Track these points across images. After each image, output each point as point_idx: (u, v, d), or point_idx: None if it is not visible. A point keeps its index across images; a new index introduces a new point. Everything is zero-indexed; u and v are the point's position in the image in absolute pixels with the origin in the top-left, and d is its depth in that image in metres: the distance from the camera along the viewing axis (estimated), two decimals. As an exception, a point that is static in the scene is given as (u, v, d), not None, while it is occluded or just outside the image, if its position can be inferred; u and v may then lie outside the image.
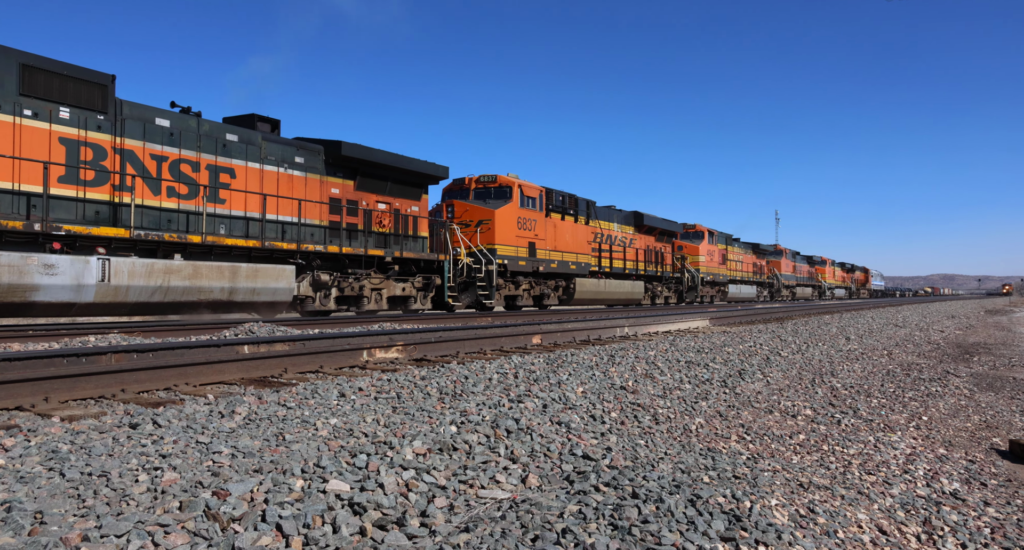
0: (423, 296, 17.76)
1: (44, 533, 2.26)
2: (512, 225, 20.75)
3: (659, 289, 31.60)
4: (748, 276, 43.82)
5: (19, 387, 4.60)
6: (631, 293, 27.69)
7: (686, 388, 6.48)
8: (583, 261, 24.62)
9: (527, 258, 21.26)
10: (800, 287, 55.14)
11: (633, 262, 28.46)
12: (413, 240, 17.58)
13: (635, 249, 28.87)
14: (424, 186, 18.18)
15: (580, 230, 24.80)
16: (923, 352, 13.18)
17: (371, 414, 4.19)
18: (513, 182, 21.09)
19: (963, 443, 6.12)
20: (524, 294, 21.83)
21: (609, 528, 2.59)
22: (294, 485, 2.74)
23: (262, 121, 14.70)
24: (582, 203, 25.38)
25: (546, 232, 22.62)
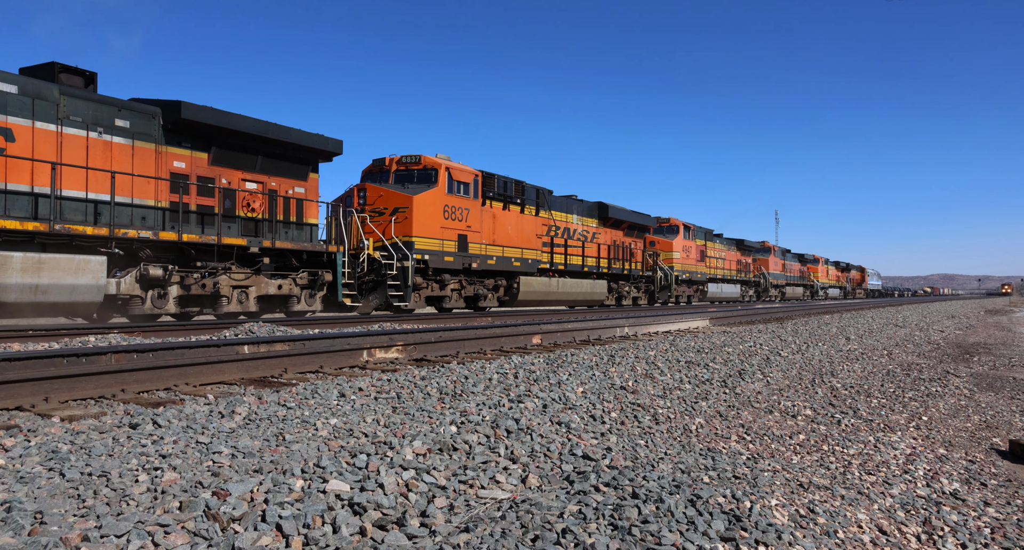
0: (309, 295, 14.70)
1: (44, 533, 2.26)
2: (436, 214, 17.46)
3: (626, 289, 28.36)
4: (731, 274, 40.72)
5: (19, 387, 4.60)
6: (591, 293, 24.45)
7: (686, 388, 6.48)
8: (530, 257, 21.18)
9: (456, 253, 17.97)
10: (790, 287, 52.26)
11: (595, 259, 25.11)
12: (297, 228, 14.57)
13: (598, 244, 25.45)
14: (312, 163, 15.02)
15: (527, 222, 21.30)
16: (923, 352, 13.18)
17: (371, 414, 4.19)
18: (439, 164, 17.77)
19: (963, 443, 6.12)
20: (453, 295, 18.66)
21: (609, 528, 2.59)
22: (294, 485, 2.74)
23: (68, 72, 11.49)
24: (531, 191, 21.87)
25: (482, 223, 19.13)
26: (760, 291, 45.83)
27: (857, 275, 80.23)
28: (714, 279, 37.61)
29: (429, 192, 17.44)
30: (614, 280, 27.29)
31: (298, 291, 14.50)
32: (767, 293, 46.55)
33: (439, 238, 17.60)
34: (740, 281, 42.21)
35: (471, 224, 18.74)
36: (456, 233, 18.13)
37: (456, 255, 18.12)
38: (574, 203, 24.86)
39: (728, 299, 39.90)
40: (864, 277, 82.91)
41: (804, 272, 57.17)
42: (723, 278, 39.00)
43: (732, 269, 40.96)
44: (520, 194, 21.19)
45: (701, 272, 35.50)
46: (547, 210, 22.82)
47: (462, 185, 18.52)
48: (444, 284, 17.99)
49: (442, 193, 17.79)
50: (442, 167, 17.79)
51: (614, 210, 26.89)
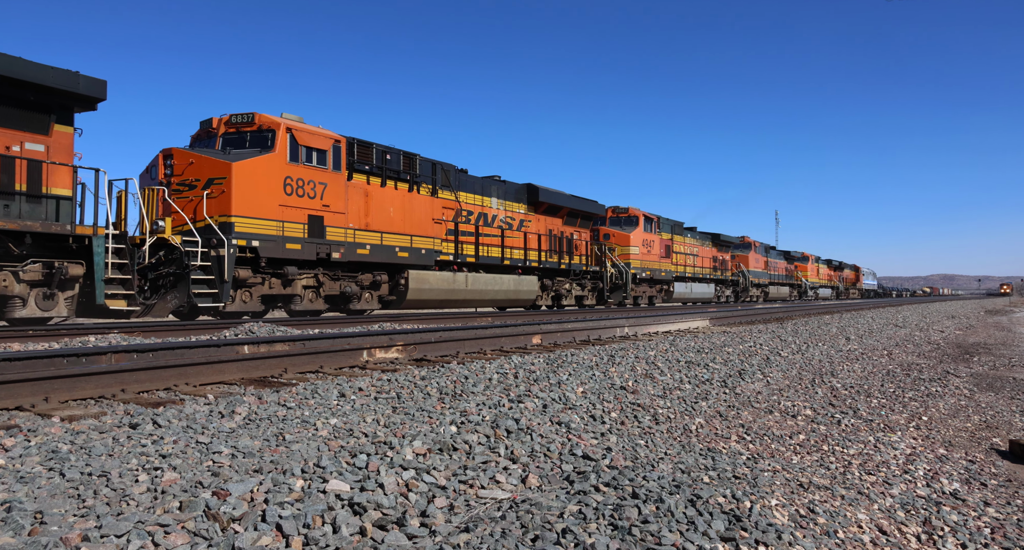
0: (44, 295, 10.68)
1: (44, 533, 2.26)
2: (271, 188, 13.64)
3: (566, 286, 24.32)
4: (704, 272, 36.64)
5: (19, 387, 4.60)
6: (516, 291, 20.58)
7: (686, 388, 6.48)
8: (424, 246, 17.22)
9: (305, 239, 14.26)
10: (774, 286, 48.29)
11: (522, 250, 21.17)
12: (29, 201, 10.40)
13: (525, 233, 21.49)
14: (58, 111, 10.90)
15: (420, 203, 17.28)
16: (923, 352, 13.18)
17: (371, 414, 4.19)
18: (278, 123, 13.94)
19: (963, 443, 6.12)
20: (306, 294, 14.95)
21: (609, 528, 2.59)
22: (294, 485, 2.74)
23: None
24: (426, 166, 17.74)
25: (348, 202, 15.27)
26: (739, 291, 42.08)
27: (851, 274, 77.10)
28: (682, 278, 33.73)
29: (259, 159, 13.49)
30: (549, 276, 23.33)
31: (22, 289, 10.45)
32: (747, 293, 42.63)
33: (276, 219, 13.72)
34: (715, 280, 38.40)
35: (330, 202, 14.81)
36: (305, 214, 14.28)
37: (306, 242, 14.31)
38: (494, 184, 20.86)
39: (699, 300, 36.23)
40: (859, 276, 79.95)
41: (791, 271, 53.68)
42: (693, 276, 35.12)
43: (706, 267, 37.06)
44: (410, 169, 17.17)
45: (666, 269, 31.43)
46: (451, 190, 18.71)
47: (314, 153, 14.55)
48: (289, 280, 14.35)
49: (281, 161, 13.85)
50: (281, 127, 13.91)
51: (547, 194, 22.95)
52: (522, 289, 21.01)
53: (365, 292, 16.26)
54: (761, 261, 45.92)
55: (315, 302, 15.14)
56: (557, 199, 23.51)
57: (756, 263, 44.61)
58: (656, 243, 30.59)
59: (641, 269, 28.89)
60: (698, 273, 35.87)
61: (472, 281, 18.77)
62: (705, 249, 37.40)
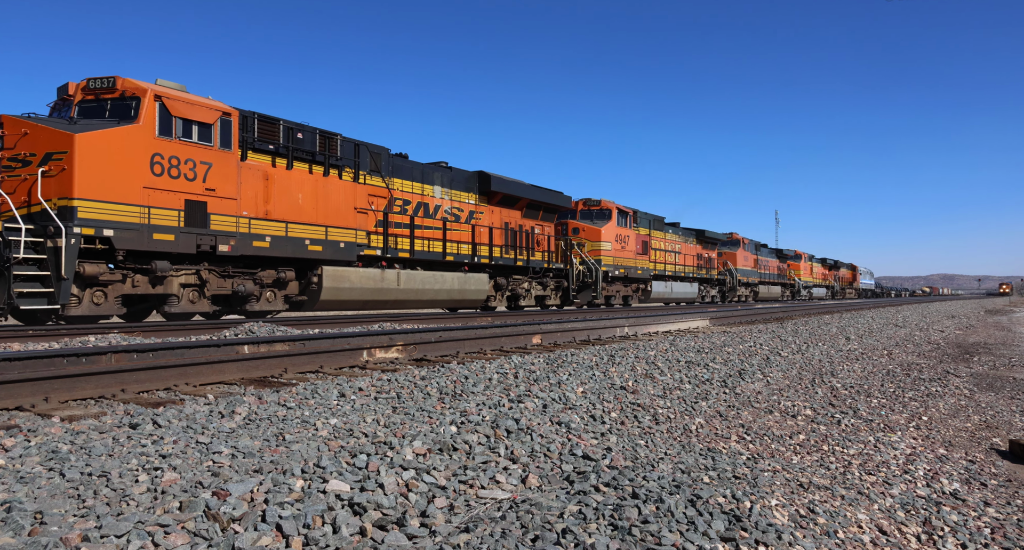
0: None
1: (44, 533, 2.26)
2: (131, 166, 11.33)
3: (525, 285, 22.04)
4: (687, 271, 34.41)
5: (19, 387, 4.60)
6: (463, 291, 18.49)
7: (686, 388, 6.48)
8: (343, 239, 15.04)
9: (181, 229, 12.00)
10: (764, 285, 46.03)
11: (471, 245, 19.09)
12: None
13: (474, 226, 19.37)
14: None
15: (338, 190, 15.10)
16: (923, 352, 13.18)
17: (371, 414, 4.19)
18: (144, 90, 11.62)
19: (963, 443, 6.12)
20: (186, 292, 12.71)
21: (609, 528, 2.59)
22: (294, 485, 2.74)
23: None
24: (348, 148, 15.55)
25: (240, 186, 13.04)
26: (726, 290, 39.66)
27: (848, 274, 74.75)
28: (662, 276, 31.36)
29: (114, 131, 11.21)
30: (503, 274, 21.09)
31: None
32: (734, 292, 40.07)
33: (140, 205, 11.37)
34: (699, 279, 36.12)
35: (216, 186, 12.59)
36: (182, 198, 12.03)
37: (182, 232, 12.04)
38: (438, 171, 18.48)
39: (680, 300, 33.99)
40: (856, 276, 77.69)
41: (783, 269, 51.41)
42: (675, 275, 32.82)
43: (690, 264, 34.82)
44: (328, 151, 14.97)
45: (643, 267, 28.89)
46: (382, 176, 16.45)
47: (195, 126, 12.31)
48: (160, 277, 12.10)
49: (146, 134, 11.53)
50: (148, 95, 11.55)
51: (501, 183, 20.47)
52: (469, 288, 18.74)
53: (267, 291, 14.13)
54: (750, 259, 43.58)
55: (198, 303, 12.96)
56: (514, 189, 21.10)
57: (745, 261, 42.28)
58: (632, 238, 28.08)
59: (614, 266, 26.39)
60: (680, 271, 33.60)
61: (406, 279, 16.62)
62: (689, 246, 35.21)
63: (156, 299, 12.75)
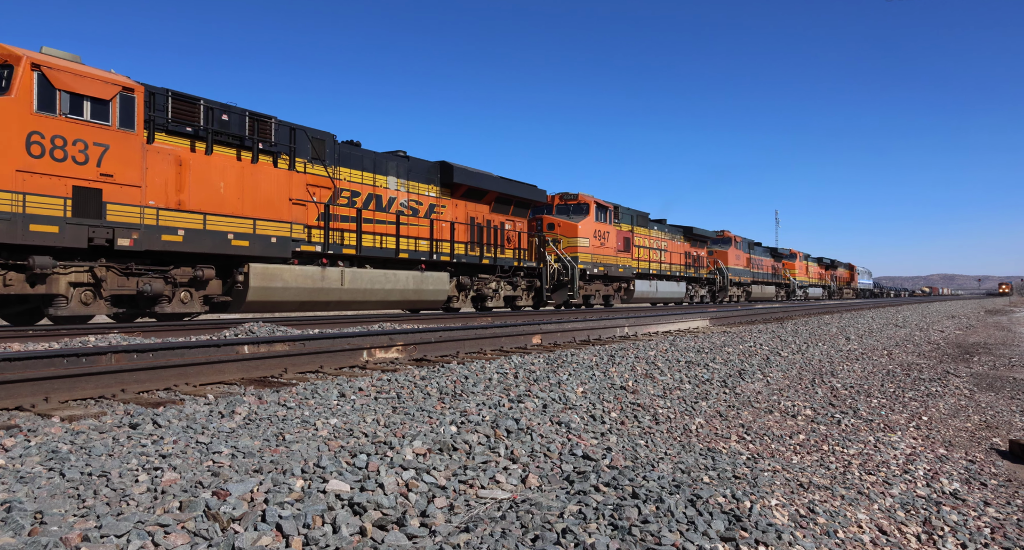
0: None
1: (44, 533, 2.26)
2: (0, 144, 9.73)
3: (493, 285, 20.18)
4: (675, 269, 32.67)
5: (19, 387, 4.60)
6: (419, 291, 16.72)
7: (686, 388, 6.48)
8: (275, 233, 13.41)
9: (67, 219, 10.35)
10: (758, 285, 44.43)
11: (429, 241, 17.45)
12: None
13: (432, 221, 17.64)
14: None
15: (270, 178, 13.39)
16: (923, 352, 13.18)
17: (371, 414, 4.19)
18: (18, 57, 10.07)
19: (963, 443, 6.12)
20: (76, 292, 11.00)
21: (609, 528, 2.59)
22: (294, 485, 2.74)
23: None
24: (283, 131, 13.91)
25: (146, 172, 11.43)
26: (716, 290, 37.88)
27: (845, 273, 73.28)
28: (646, 275, 29.49)
29: None
30: (468, 273, 19.39)
31: None
32: (725, 292, 38.34)
33: (12, 190, 9.81)
34: (687, 278, 34.23)
35: (114, 171, 10.93)
36: (69, 184, 10.39)
37: (69, 223, 10.39)
38: (393, 161, 16.89)
39: (667, 300, 32.34)
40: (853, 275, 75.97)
41: (778, 269, 49.77)
42: (660, 274, 31.00)
43: (678, 263, 33.21)
44: (259, 135, 13.30)
45: (624, 265, 26.94)
46: (325, 165, 14.91)
47: (86, 102, 10.68)
48: (40, 275, 10.43)
49: (21, 108, 9.96)
50: (23, 63, 10.00)
51: (466, 174, 18.76)
52: (427, 288, 17.01)
53: (181, 291, 12.42)
54: (743, 258, 41.69)
55: (93, 304, 11.23)
56: (480, 181, 19.37)
57: (737, 260, 40.43)
58: (612, 235, 26.12)
59: (592, 264, 24.46)
60: (666, 270, 31.74)
61: (351, 278, 15.00)
62: (676, 244, 33.50)
63: (39, 300, 11.04)
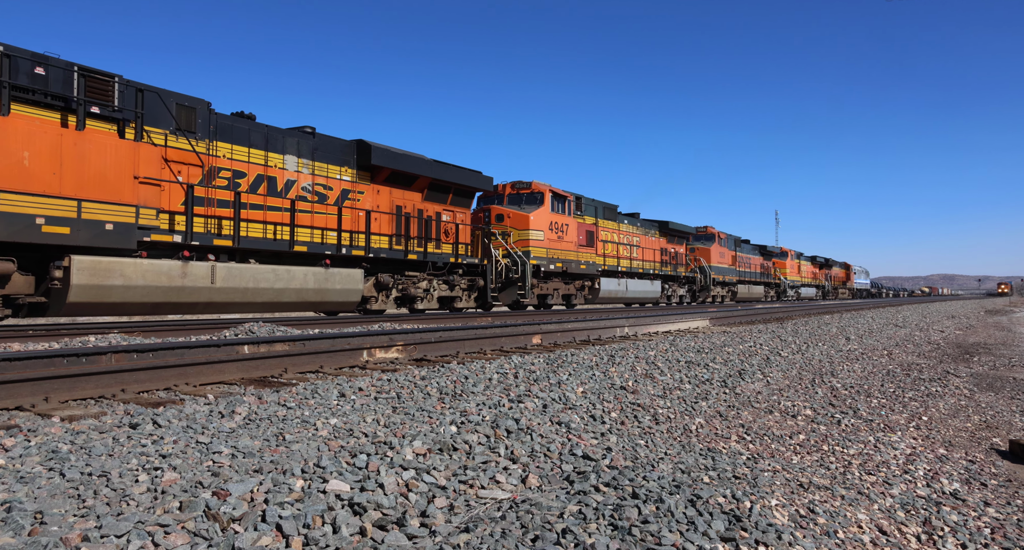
0: None
1: (44, 533, 2.26)
2: None
3: (422, 284, 17.32)
4: (648, 267, 29.83)
5: (19, 387, 4.60)
6: (321, 291, 14.05)
7: (686, 388, 6.48)
8: (110, 218, 10.69)
9: None
10: (745, 285, 42.13)
11: (338, 233, 14.76)
12: None
13: (341, 209, 14.93)
14: None
15: (103, 150, 10.71)
16: (923, 352, 13.18)
17: (371, 414, 4.19)
18: None
19: (963, 443, 6.12)
20: None
21: (609, 528, 2.59)
22: (294, 485, 2.74)
23: None
24: (129, 94, 11.14)
25: None
26: (697, 290, 35.47)
27: (841, 273, 70.66)
28: (613, 272, 26.62)
29: None
30: (393, 270, 16.71)
31: None
32: (707, 292, 35.80)
33: None
34: (662, 276, 31.56)
35: None
36: None
37: None
38: (294, 138, 14.28)
39: (639, 300, 29.54)
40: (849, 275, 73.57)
41: (767, 267, 47.39)
42: (631, 271, 28.09)
43: (654, 260, 30.50)
44: (96, 96, 10.72)
45: (588, 261, 24.28)
46: (195, 138, 12.26)
47: None
48: None
49: None
50: None
51: (388, 156, 15.97)
52: (332, 287, 14.27)
53: None
54: (728, 256, 39.11)
55: None
56: (407, 164, 16.54)
57: (721, 258, 37.86)
58: (572, 228, 23.46)
59: (548, 259, 21.72)
60: (638, 267, 28.78)
61: (226, 275, 12.21)
62: (650, 239, 30.55)
63: None
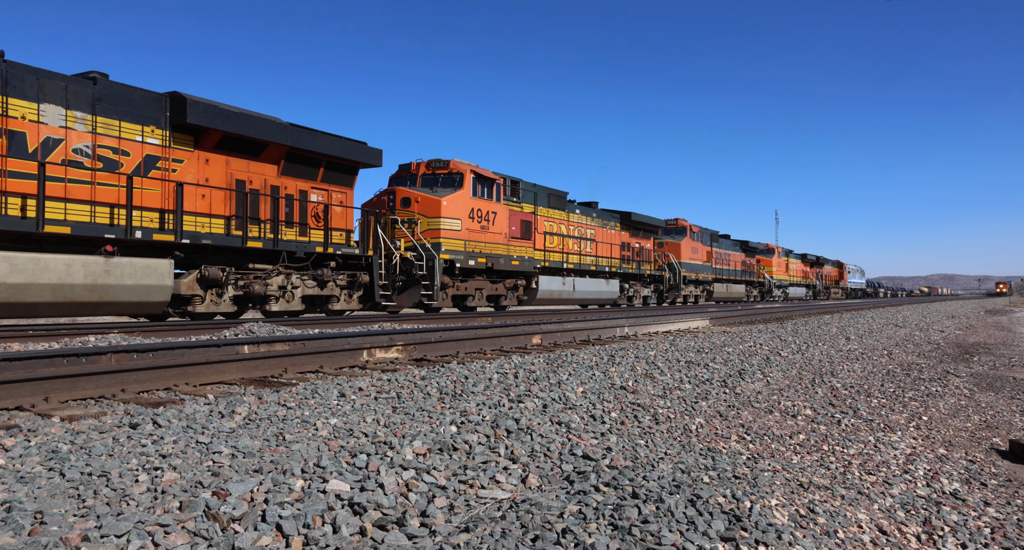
0: None
1: (44, 533, 2.26)
2: None
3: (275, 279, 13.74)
4: (604, 263, 25.85)
5: (19, 387, 4.60)
6: (101, 288, 10.65)
7: (686, 388, 6.48)
8: None
9: None
10: (722, 283, 38.60)
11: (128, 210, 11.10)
12: None
13: (163, 183, 11.81)
14: None
15: None
16: (923, 352, 13.18)
17: (371, 414, 4.19)
18: None
19: (963, 443, 6.12)
20: None
21: (609, 528, 2.59)
22: (294, 485, 2.74)
23: None
24: None
25: None
26: (665, 290, 31.44)
27: (833, 271, 67.72)
28: (556, 270, 22.68)
29: None
30: (228, 261, 13.08)
31: None
32: (677, 291, 31.74)
33: None
34: (623, 274, 27.59)
35: None
36: None
37: None
38: (60, 82, 10.63)
39: (591, 301, 25.52)
40: (842, 274, 70.66)
41: (750, 265, 44.16)
42: (581, 268, 24.13)
43: (608, 255, 26.28)
44: None
45: (522, 256, 20.54)
46: None
47: None
48: None
49: None
50: None
51: (211, 113, 12.28)
52: (116, 283, 10.82)
53: None
54: (702, 251, 35.67)
55: None
56: (247, 127, 12.89)
57: (694, 253, 34.55)
58: (502, 216, 19.76)
59: (466, 253, 18.09)
60: (590, 264, 24.74)
61: None
62: (608, 233, 26.66)
63: None
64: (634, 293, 29.01)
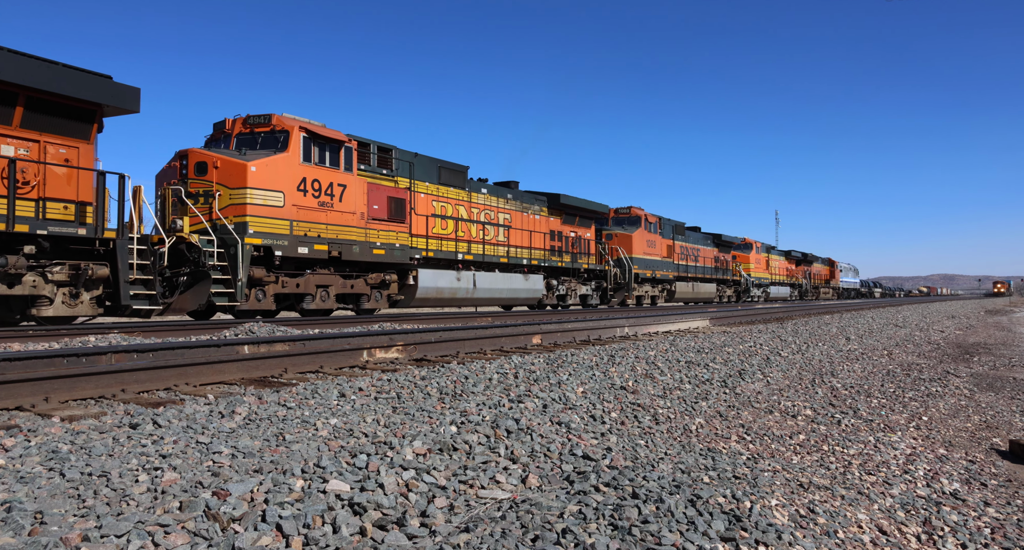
0: None
1: (44, 533, 2.26)
2: None
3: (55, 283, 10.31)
4: (524, 256, 21.39)
5: (19, 387, 4.60)
6: None
7: (686, 388, 6.48)
8: None
9: None
10: (686, 282, 33.78)
11: None
12: None
13: None
14: None
15: None
16: (923, 352, 13.18)
17: (371, 414, 4.19)
18: None
19: (963, 443, 6.12)
20: None
21: (609, 528, 2.59)
22: (294, 485, 2.74)
23: None
24: None
25: None
26: (610, 288, 26.65)
27: (823, 270, 63.79)
28: (447, 261, 18.29)
29: None
30: None
31: None
32: (626, 290, 27.15)
33: None
34: (548, 268, 22.89)
35: None
36: None
37: None
38: None
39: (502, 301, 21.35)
40: (834, 272, 66.84)
41: (724, 261, 39.89)
42: (484, 260, 19.56)
43: (528, 245, 21.67)
44: None
45: (391, 244, 16.19)
46: None
47: None
48: None
49: None
50: None
51: None
52: None
53: None
54: (661, 245, 30.96)
55: None
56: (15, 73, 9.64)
57: (650, 248, 29.82)
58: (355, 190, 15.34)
59: (292, 237, 13.89)
60: (499, 256, 20.29)
61: None
62: (530, 218, 22.06)
63: None
64: (568, 291, 24.19)
